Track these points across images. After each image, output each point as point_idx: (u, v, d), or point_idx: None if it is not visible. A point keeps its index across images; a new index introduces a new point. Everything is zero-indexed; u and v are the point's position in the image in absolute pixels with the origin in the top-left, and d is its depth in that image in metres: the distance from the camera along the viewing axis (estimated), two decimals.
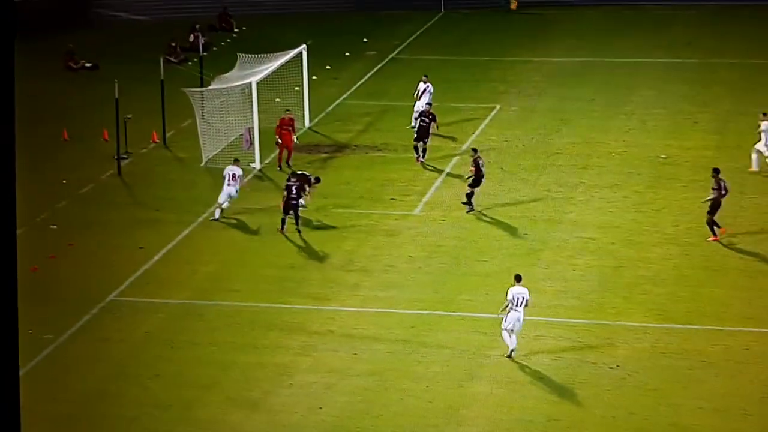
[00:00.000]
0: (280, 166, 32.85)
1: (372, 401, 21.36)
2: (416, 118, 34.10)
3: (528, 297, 22.54)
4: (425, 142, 33.25)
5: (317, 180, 30.18)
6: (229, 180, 29.75)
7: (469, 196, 29.56)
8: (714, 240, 27.48)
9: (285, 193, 28.79)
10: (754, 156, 31.84)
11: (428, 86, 36.19)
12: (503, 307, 22.60)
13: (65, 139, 35.95)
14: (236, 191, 29.89)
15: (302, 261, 27.36)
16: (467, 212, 29.45)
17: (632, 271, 26.48)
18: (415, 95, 36.35)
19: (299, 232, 28.58)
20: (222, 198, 29.71)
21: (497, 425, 20.62)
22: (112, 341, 23.86)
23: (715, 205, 27.52)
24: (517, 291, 22.58)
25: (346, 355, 22.95)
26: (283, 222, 28.69)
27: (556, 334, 23.66)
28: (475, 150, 30.47)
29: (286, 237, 28.60)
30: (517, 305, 22.43)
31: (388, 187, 31.86)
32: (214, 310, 24.99)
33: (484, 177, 29.63)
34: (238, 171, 30.02)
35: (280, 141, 32.97)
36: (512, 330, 22.50)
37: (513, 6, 51.79)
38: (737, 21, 48.93)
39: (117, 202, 31.51)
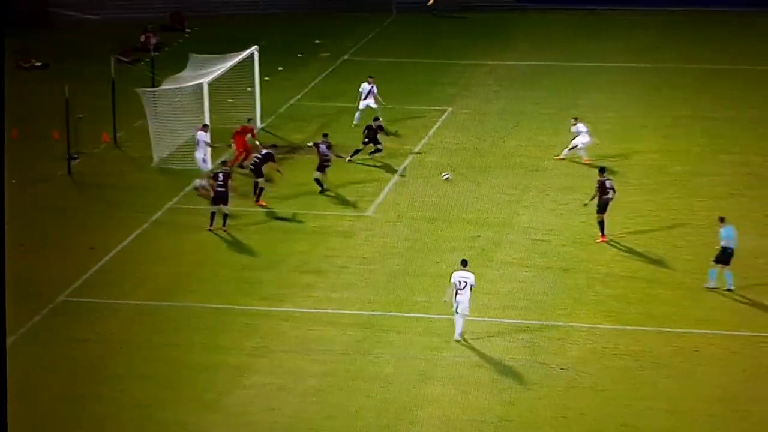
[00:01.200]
0: (242, 165, 32.84)
1: (326, 402, 21.42)
2: (364, 130, 34.23)
3: (472, 282, 23.07)
4: (377, 144, 33.47)
5: (273, 146, 31.84)
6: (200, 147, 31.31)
7: (318, 180, 31.16)
8: (602, 241, 27.85)
9: (212, 180, 28.74)
10: (581, 152, 33.22)
11: (372, 87, 36.32)
12: (448, 292, 23.11)
13: (14, 138, 35.55)
14: (202, 159, 31.10)
15: (256, 262, 27.34)
16: (321, 192, 30.99)
17: (583, 272, 26.75)
18: (358, 97, 36.39)
19: (224, 229, 28.55)
20: (199, 164, 31.12)
21: (450, 426, 20.76)
22: (63, 343, 23.69)
23: (601, 205, 27.93)
24: (460, 275, 23.18)
25: (300, 357, 22.98)
26: (211, 216, 28.57)
27: (507, 335, 23.86)
28: (325, 134, 32.04)
29: (231, 236, 28.57)
30: (460, 288, 22.95)
31: (342, 188, 31.91)
32: (166, 311, 24.90)
33: (329, 163, 31.25)
34: (204, 137, 31.31)
35: (232, 145, 33.01)
36: (457, 313, 23.01)
37: (431, 2, 51.99)
38: (685, 27, 49.60)
39: (68, 202, 31.28)
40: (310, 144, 32.57)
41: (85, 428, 20.79)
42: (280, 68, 42.47)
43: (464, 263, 23.56)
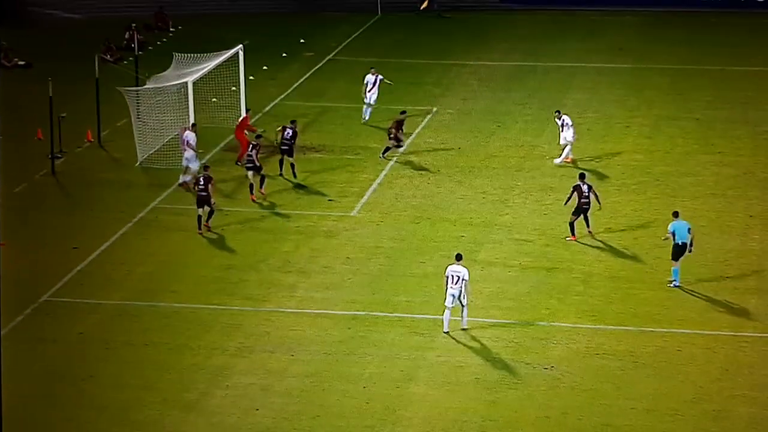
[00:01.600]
0: (238, 161, 33.18)
1: (309, 402, 21.44)
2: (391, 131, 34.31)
3: (465, 276, 23.53)
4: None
5: (259, 136, 32.21)
6: (184, 145, 31.30)
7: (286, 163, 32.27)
8: (572, 239, 28.29)
9: (194, 185, 29.19)
10: (567, 149, 33.23)
11: (377, 77, 36.69)
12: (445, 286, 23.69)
13: None
14: (194, 157, 31.22)
15: (239, 262, 27.33)
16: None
17: (566, 272, 26.85)
18: (363, 89, 36.56)
19: (208, 228, 28.70)
20: (189, 163, 31.22)
21: (434, 426, 20.81)
22: (46, 342, 23.66)
23: (577, 209, 28.31)
24: (453, 269, 23.67)
25: (283, 357, 23.00)
26: (198, 219, 28.71)
27: (491, 335, 23.95)
28: (293, 121, 32.99)
29: (217, 234, 28.61)
30: (452, 283, 23.43)
31: (326, 188, 31.96)
32: (149, 311, 24.87)
33: (285, 147, 31.93)
34: (191, 138, 31.39)
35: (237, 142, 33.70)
36: (449, 307, 23.51)
37: (423, 6, 52.06)
38: (668, 28, 49.80)
39: (51, 201, 31.23)
40: (279, 128, 32.73)
41: (62, 429, 20.72)
42: (264, 67, 42.48)
43: (458, 257, 23.99)
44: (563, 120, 33.56)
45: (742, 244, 28.40)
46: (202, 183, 28.72)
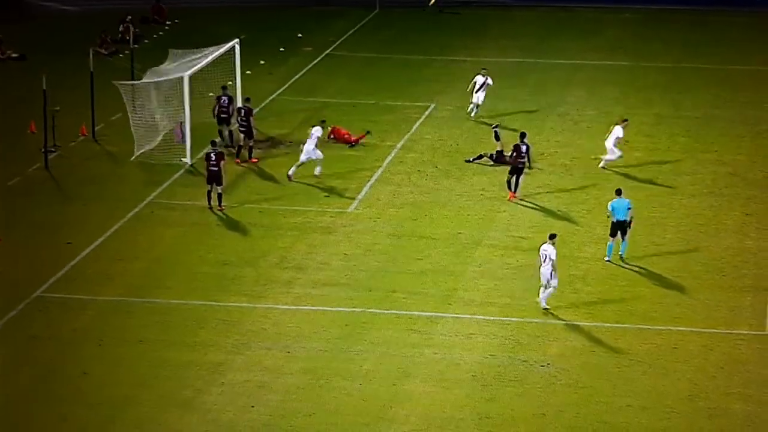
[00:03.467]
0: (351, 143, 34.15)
1: (305, 399, 21.37)
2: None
3: (552, 256, 24.28)
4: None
5: (248, 99, 33.18)
6: (312, 139, 31.76)
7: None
8: (511, 198, 30.01)
9: (205, 162, 29.36)
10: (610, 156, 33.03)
11: (487, 78, 36.83)
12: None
13: None
14: (313, 149, 31.46)
15: (235, 258, 27.23)
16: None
17: (563, 269, 26.72)
18: (471, 87, 36.80)
19: (221, 210, 29.07)
20: (311, 156, 31.59)
21: (430, 423, 20.75)
22: (39, 339, 23.54)
23: (513, 168, 30.05)
24: (543, 248, 24.54)
25: (280, 354, 22.92)
26: (208, 195, 29.21)
27: (488, 332, 23.89)
28: (247, 98, 33.93)
29: (221, 219, 28.48)
30: (542, 262, 24.35)
31: (324, 184, 31.84)
32: (144, 308, 24.76)
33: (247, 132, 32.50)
34: (317, 132, 31.70)
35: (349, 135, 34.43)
36: (544, 285, 24.41)
37: (432, 1, 51.99)
38: (667, 26, 49.72)
39: (44, 196, 31.09)
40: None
41: (56, 427, 20.60)
42: (262, 62, 42.33)
43: (551, 237, 24.68)
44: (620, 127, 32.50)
45: (738, 242, 28.37)
46: (214, 159, 28.94)
